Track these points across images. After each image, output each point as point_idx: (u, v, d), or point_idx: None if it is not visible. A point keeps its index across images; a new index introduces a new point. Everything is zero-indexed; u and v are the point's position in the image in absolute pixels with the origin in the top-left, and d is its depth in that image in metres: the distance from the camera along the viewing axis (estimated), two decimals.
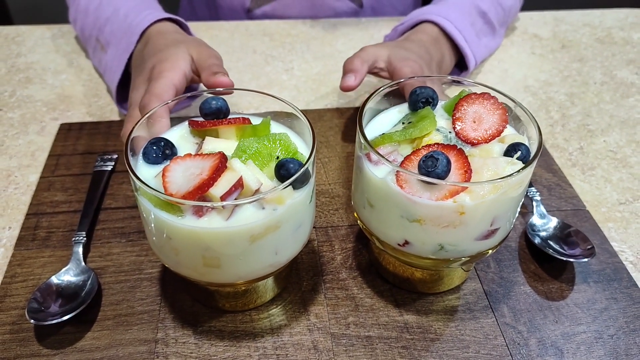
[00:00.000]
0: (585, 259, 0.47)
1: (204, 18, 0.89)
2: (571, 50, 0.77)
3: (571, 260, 0.47)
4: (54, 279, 0.45)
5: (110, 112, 0.64)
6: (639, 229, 0.52)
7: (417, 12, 0.67)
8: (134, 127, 0.40)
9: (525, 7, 0.86)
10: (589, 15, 0.84)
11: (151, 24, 0.60)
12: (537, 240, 0.49)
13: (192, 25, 0.79)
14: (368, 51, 0.58)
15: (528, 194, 0.53)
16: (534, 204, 0.53)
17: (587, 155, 0.60)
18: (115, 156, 0.58)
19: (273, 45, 0.77)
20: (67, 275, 0.46)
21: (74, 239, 0.49)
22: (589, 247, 0.47)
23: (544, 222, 0.51)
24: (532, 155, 0.39)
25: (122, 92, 0.62)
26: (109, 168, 0.57)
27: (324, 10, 0.85)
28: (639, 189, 0.56)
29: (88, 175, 0.56)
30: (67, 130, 0.61)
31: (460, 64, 0.69)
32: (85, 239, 0.49)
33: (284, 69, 0.72)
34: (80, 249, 0.48)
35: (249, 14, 0.85)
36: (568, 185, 0.56)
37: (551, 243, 0.49)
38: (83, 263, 0.47)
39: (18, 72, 0.70)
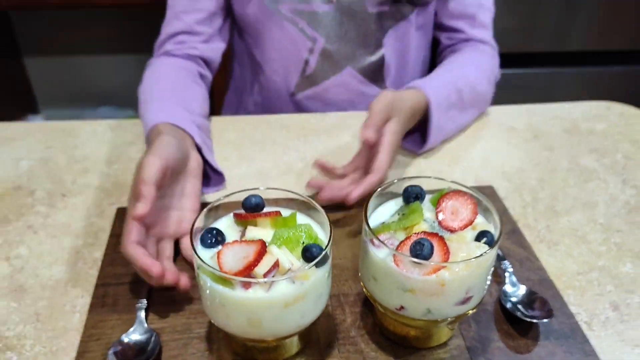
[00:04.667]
0: (546, 320, 0.58)
1: (250, 102, 1.04)
2: (542, 139, 0.91)
3: (535, 320, 0.59)
4: (125, 338, 0.57)
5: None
6: (593, 294, 0.64)
7: (414, 82, 0.82)
8: (195, 220, 0.53)
9: (504, 102, 1.00)
10: (558, 109, 0.99)
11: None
12: (508, 305, 0.61)
13: (223, 118, 0.94)
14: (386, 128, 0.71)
15: (502, 266, 0.66)
16: (507, 274, 0.65)
17: (552, 233, 0.73)
18: None
19: (289, 136, 0.91)
20: (134, 335, 0.57)
21: (137, 305, 0.61)
22: (548, 309, 0.59)
23: (515, 290, 0.63)
24: (494, 240, 0.52)
25: None
26: None
27: (355, 93, 1.01)
28: (595, 262, 0.69)
29: None
30: (123, 213, 0.74)
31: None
32: (146, 304, 0.61)
33: (299, 158, 0.86)
34: (142, 313, 0.60)
35: (292, 97, 1.02)
36: (536, 259, 0.68)
37: (520, 307, 0.61)
38: (145, 324, 0.59)
39: (76, 163, 0.84)
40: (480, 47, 0.95)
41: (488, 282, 0.55)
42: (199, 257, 0.49)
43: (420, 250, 0.49)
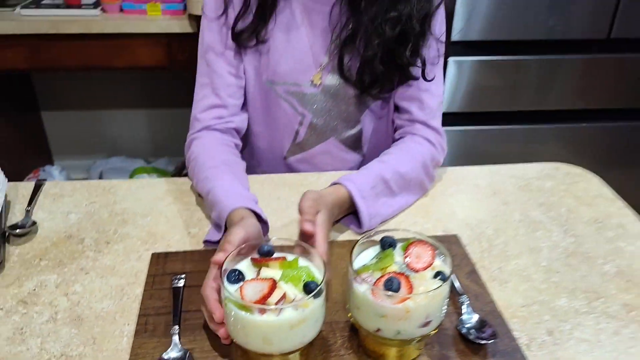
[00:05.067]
0: (492, 341, 0.75)
1: (249, 163, 1.22)
2: (500, 195, 1.09)
3: (483, 342, 0.76)
4: (164, 356, 0.73)
5: (183, 244, 0.95)
6: (533, 323, 0.81)
7: (340, 178, 0.98)
8: (223, 262, 0.71)
9: (471, 163, 1.19)
10: (515, 169, 1.18)
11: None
12: (464, 330, 0.78)
13: None
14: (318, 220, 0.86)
15: (460, 300, 0.83)
16: (464, 306, 0.81)
17: (503, 273, 0.90)
18: (183, 276, 0.88)
19: (291, 193, 1.09)
20: (172, 353, 0.74)
21: (171, 331, 0.77)
22: (494, 333, 0.76)
23: (469, 318, 0.80)
24: (446, 277, 0.69)
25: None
26: (181, 284, 0.86)
27: (338, 159, 1.20)
28: (536, 297, 0.86)
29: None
30: (157, 258, 0.91)
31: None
32: (178, 329, 0.78)
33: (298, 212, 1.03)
34: (176, 337, 0.76)
35: (285, 160, 1.21)
36: (488, 295, 0.85)
37: (473, 331, 0.78)
38: (180, 346, 0.75)
39: (116, 216, 1.01)
40: (421, 132, 1.11)
41: (444, 310, 0.72)
42: (226, 290, 0.66)
43: (391, 286, 0.67)
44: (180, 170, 2.89)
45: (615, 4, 1.92)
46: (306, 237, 0.84)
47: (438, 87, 1.13)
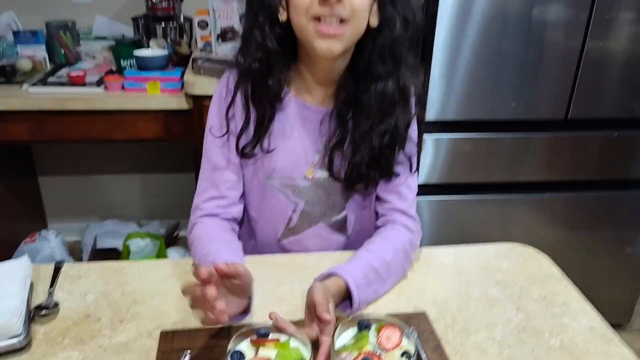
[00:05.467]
0: None
1: (246, 243, 1.36)
2: (462, 275, 1.25)
3: None
4: None
5: (187, 321, 1.09)
6: None
7: (335, 268, 1.12)
8: (229, 344, 0.85)
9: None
10: (476, 249, 1.34)
11: None
12: None
13: None
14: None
15: None
16: None
17: (464, 347, 1.05)
18: (189, 351, 1.02)
19: (281, 272, 1.24)
20: None
21: None
22: None
23: None
24: (411, 356, 0.84)
25: None
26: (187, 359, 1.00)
27: (325, 240, 1.36)
28: None
29: None
30: (166, 335, 1.05)
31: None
32: None
33: (289, 290, 1.18)
34: None
35: (278, 242, 1.37)
36: None
37: None
38: None
39: (128, 295, 1.15)
40: (400, 220, 1.28)
41: None
42: None
43: None
44: (171, 233, 3.03)
45: (571, 89, 2.15)
46: (320, 321, 0.97)
47: (414, 181, 1.33)
